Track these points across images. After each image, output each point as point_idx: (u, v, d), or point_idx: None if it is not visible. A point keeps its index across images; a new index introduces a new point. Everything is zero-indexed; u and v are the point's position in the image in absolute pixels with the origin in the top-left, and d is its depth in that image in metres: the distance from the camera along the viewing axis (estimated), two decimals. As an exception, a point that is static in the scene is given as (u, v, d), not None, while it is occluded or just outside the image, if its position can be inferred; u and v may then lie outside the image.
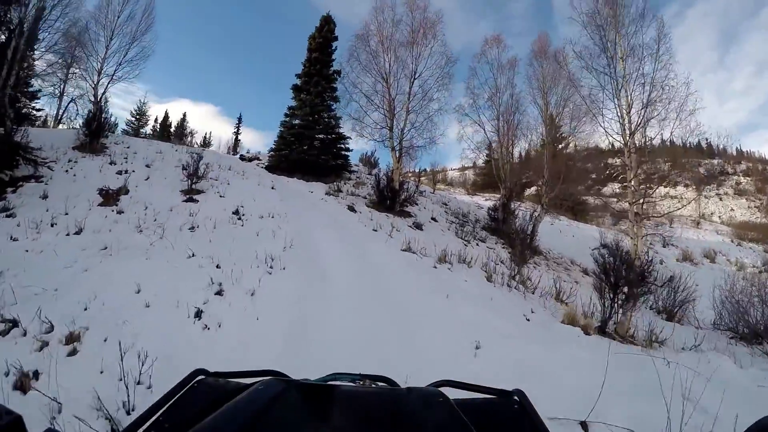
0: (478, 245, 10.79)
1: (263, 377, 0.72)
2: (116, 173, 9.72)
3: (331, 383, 0.80)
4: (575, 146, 13.68)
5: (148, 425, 0.57)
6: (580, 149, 13.41)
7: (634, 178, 7.99)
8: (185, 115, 39.02)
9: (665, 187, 8.39)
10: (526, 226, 11.75)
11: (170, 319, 3.78)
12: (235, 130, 37.20)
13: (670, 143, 12.63)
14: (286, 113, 16.51)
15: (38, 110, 17.14)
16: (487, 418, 0.67)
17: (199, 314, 3.89)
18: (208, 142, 36.76)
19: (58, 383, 2.65)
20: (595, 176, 17.60)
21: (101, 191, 8.45)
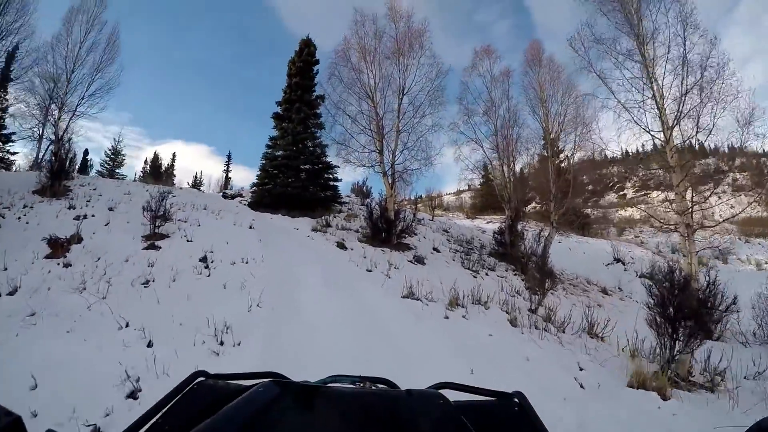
0: (487, 275, 9.90)
1: (263, 379, 0.73)
2: (74, 218, 8.79)
3: (330, 385, 0.85)
4: (569, 158, 12.88)
5: (147, 427, 0.57)
6: (576, 161, 12.68)
7: (681, 181, 6.69)
8: (174, 155, 38.36)
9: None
10: (536, 248, 10.91)
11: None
12: (225, 168, 36.74)
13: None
14: (267, 144, 15.75)
15: (13, 153, 16.37)
16: (486, 420, 0.67)
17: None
18: (198, 182, 36.30)
19: None
20: (591, 188, 17.09)
21: (50, 241, 7.53)
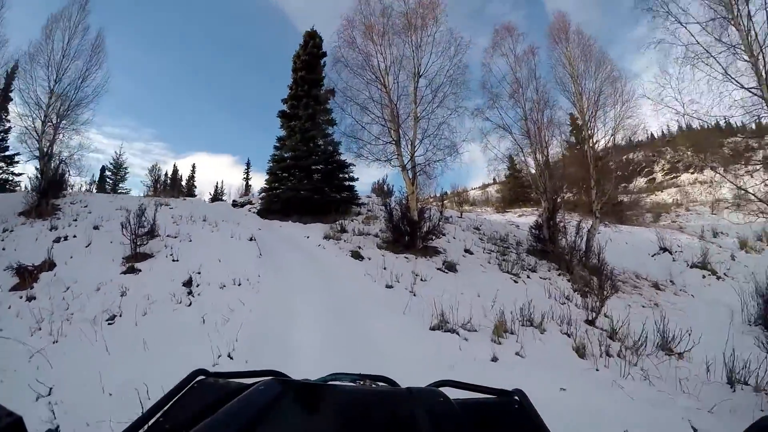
0: (529, 278, 8.55)
1: (263, 378, 0.74)
2: (54, 241, 7.90)
3: (331, 383, 0.85)
4: (613, 138, 11.47)
5: (148, 426, 0.57)
6: (616, 143, 11.63)
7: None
8: (194, 166, 38.52)
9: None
10: (579, 242, 9.89)
11: None
12: (244, 176, 36.27)
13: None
14: (275, 145, 14.68)
15: (18, 174, 16.08)
16: (487, 417, 0.67)
17: None
18: (220, 191, 36.08)
19: None
20: (620, 173, 15.89)
21: (18, 270, 6.62)
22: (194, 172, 38.44)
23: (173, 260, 6.92)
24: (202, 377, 0.73)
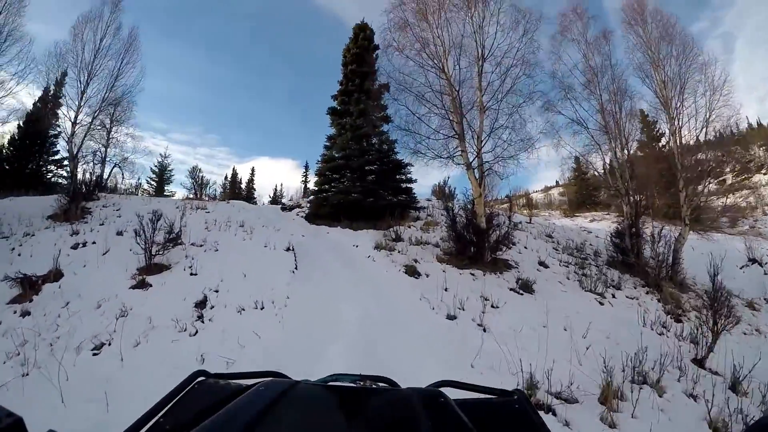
0: (614, 297, 7.23)
1: (263, 378, 0.74)
2: (71, 247, 7.20)
3: (331, 384, 0.86)
4: (705, 130, 10.10)
5: (148, 427, 0.57)
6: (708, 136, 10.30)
7: None
8: (253, 170, 38.96)
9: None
10: (667, 253, 8.54)
11: None
12: (302, 178, 36.06)
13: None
14: (325, 144, 13.50)
15: (68, 178, 16.49)
16: (487, 417, 0.67)
17: None
18: (279, 195, 36.29)
19: None
20: (687, 174, 14.56)
21: (21, 280, 5.86)
22: (253, 175, 38.53)
23: (191, 274, 5.81)
24: (202, 378, 0.72)
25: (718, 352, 4.61)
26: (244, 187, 37.59)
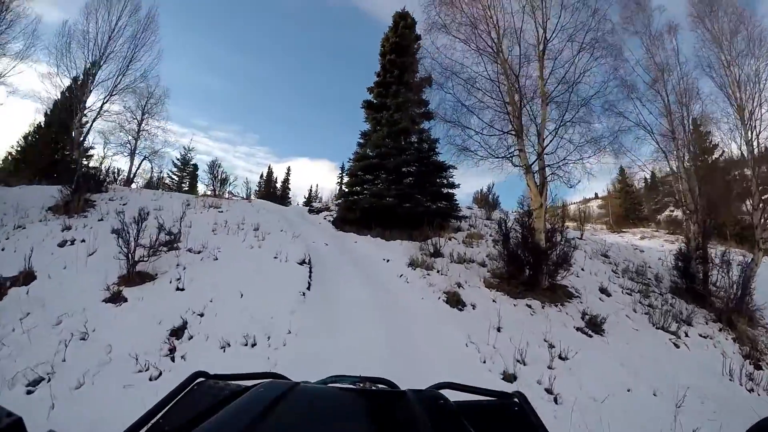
0: (687, 335, 6.09)
1: (263, 379, 0.73)
2: (58, 245, 6.42)
3: (331, 385, 0.86)
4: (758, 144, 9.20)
5: (148, 428, 0.56)
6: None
7: None
8: (289, 170, 38.59)
9: None
10: (738, 282, 7.29)
11: None
12: (338, 180, 35.42)
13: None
14: (358, 141, 12.37)
15: (93, 168, 16.33)
16: (487, 420, 0.67)
17: None
18: (314, 196, 35.86)
19: None
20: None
21: (-13, 282, 5.07)
22: (288, 175, 38.21)
23: (177, 288, 4.80)
24: (202, 379, 0.71)
25: None
26: (279, 186, 37.39)
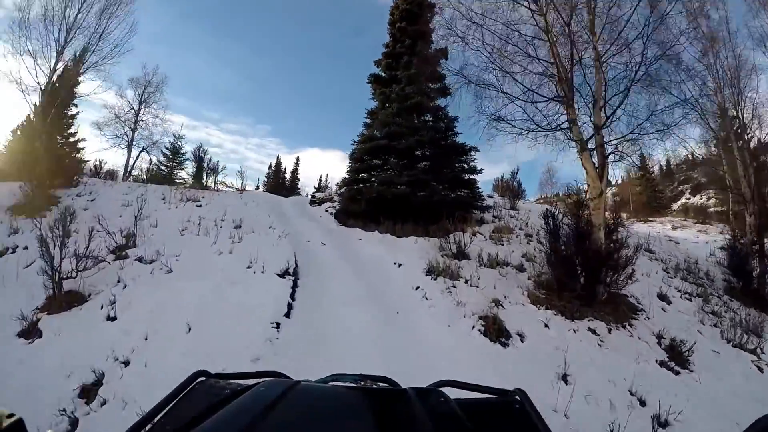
0: (763, 352, 4.76)
1: (264, 378, 0.73)
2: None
3: (332, 384, 0.84)
4: None
5: (149, 428, 0.57)
6: None
7: None
8: (298, 160, 37.71)
9: None
10: None
11: None
12: (348, 169, 34.45)
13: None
14: (364, 121, 11.09)
15: (84, 162, 15.47)
16: (488, 417, 0.67)
17: None
18: (323, 186, 35.18)
19: None
20: None
21: None
22: (298, 165, 37.45)
23: (107, 317, 3.66)
24: (203, 378, 0.72)
25: None
26: (288, 177, 36.77)
